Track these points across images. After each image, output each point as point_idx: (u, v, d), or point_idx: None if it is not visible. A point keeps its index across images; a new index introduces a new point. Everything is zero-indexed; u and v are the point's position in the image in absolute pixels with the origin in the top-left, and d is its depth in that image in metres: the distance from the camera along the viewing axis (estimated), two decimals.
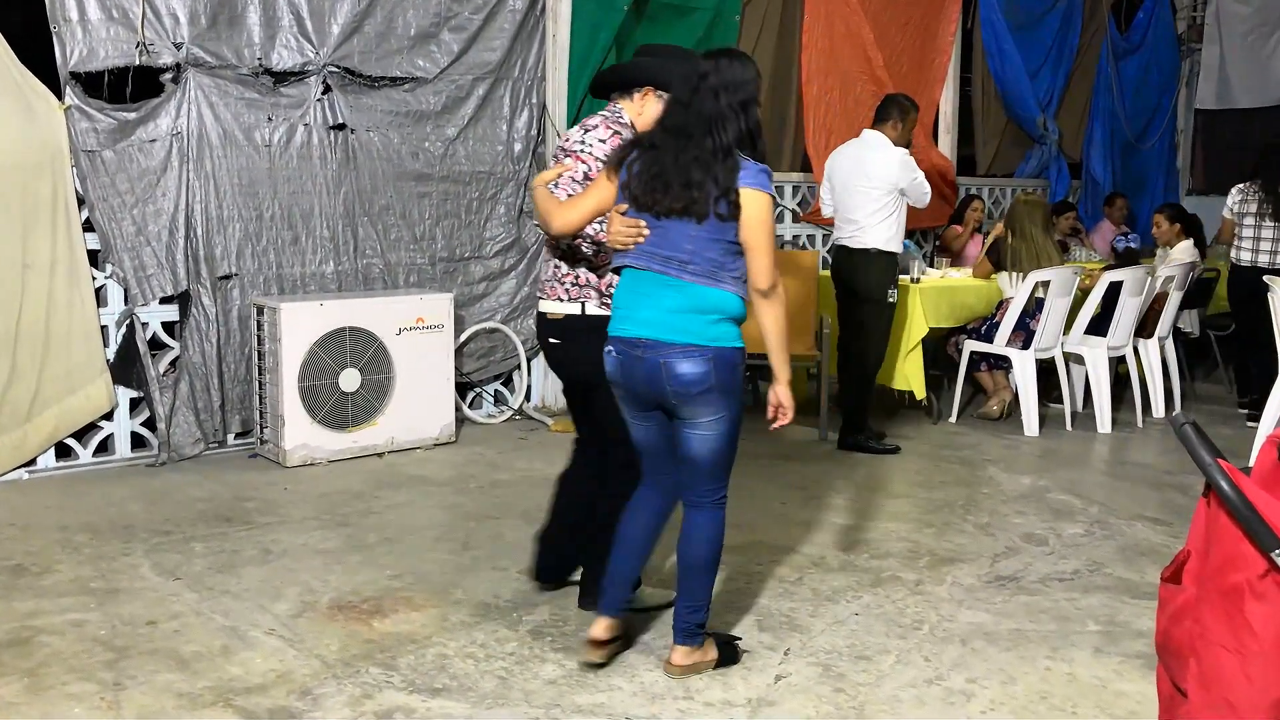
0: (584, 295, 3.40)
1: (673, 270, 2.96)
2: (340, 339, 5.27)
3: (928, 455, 5.72)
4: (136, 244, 5.06)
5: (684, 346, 2.94)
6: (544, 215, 3.22)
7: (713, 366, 2.94)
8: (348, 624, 3.49)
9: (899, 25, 7.88)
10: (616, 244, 3.04)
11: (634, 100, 3.45)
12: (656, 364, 2.95)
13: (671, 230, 2.95)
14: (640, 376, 3.00)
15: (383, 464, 5.34)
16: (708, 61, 3.01)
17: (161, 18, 5.00)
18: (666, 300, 2.96)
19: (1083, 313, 6.39)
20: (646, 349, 2.97)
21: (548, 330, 3.49)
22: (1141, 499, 5.01)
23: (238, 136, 5.27)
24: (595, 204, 3.13)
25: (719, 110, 2.94)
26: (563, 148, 3.45)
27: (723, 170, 2.92)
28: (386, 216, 5.79)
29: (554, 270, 3.46)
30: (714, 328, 2.96)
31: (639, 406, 3.09)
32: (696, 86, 2.97)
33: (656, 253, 2.98)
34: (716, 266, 2.95)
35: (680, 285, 2.95)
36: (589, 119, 3.47)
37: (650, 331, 2.97)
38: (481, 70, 5.96)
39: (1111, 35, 9.51)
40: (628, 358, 3.01)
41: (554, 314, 3.45)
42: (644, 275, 3.01)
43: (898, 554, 4.21)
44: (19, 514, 4.49)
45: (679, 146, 2.95)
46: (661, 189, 2.95)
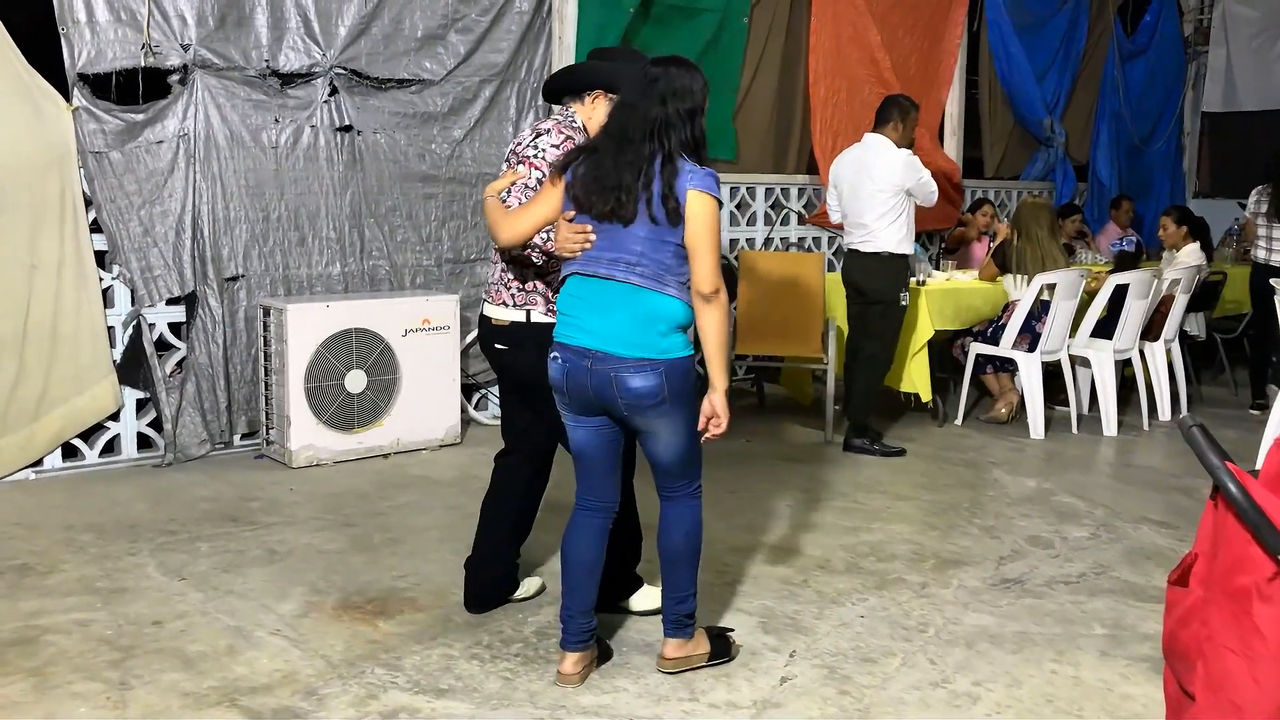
0: (529, 302, 3.35)
1: (619, 273, 2.92)
2: (346, 340, 5.27)
3: (933, 458, 5.72)
4: (144, 245, 5.07)
5: (636, 361, 2.90)
6: (491, 225, 3.18)
7: (664, 379, 2.92)
8: (353, 624, 3.50)
9: (906, 28, 7.88)
10: (565, 251, 3.00)
11: (585, 103, 3.39)
12: (607, 377, 2.92)
13: (619, 233, 2.92)
14: (588, 385, 2.96)
15: (388, 465, 5.35)
16: (656, 67, 2.97)
17: (169, 19, 5.01)
18: (615, 313, 2.93)
19: (1089, 315, 6.38)
20: (596, 360, 2.93)
21: (492, 335, 3.44)
22: (1147, 502, 5.00)
23: (244, 138, 5.28)
24: (543, 213, 3.08)
25: (664, 116, 2.91)
26: (514, 152, 3.36)
27: (660, 174, 2.88)
28: (393, 218, 5.80)
29: (500, 274, 3.39)
30: (664, 340, 2.93)
31: (581, 411, 3.04)
32: (644, 90, 2.94)
33: (603, 256, 2.94)
34: (664, 270, 2.91)
35: (627, 292, 2.91)
36: (541, 123, 3.40)
37: (600, 344, 2.93)
38: (488, 72, 5.97)
39: (1118, 38, 9.50)
40: (576, 367, 2.97)
41: (499, 320, 3.39)
42: (591, 282, 2.97)
43: (903, 556, 4.21)
44: (25, 514, 4.50)
45: (618, 149, 2.93)
46: (598, 191, 2.93)
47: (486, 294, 3.47)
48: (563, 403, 3.06)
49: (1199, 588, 1.78)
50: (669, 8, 6.59)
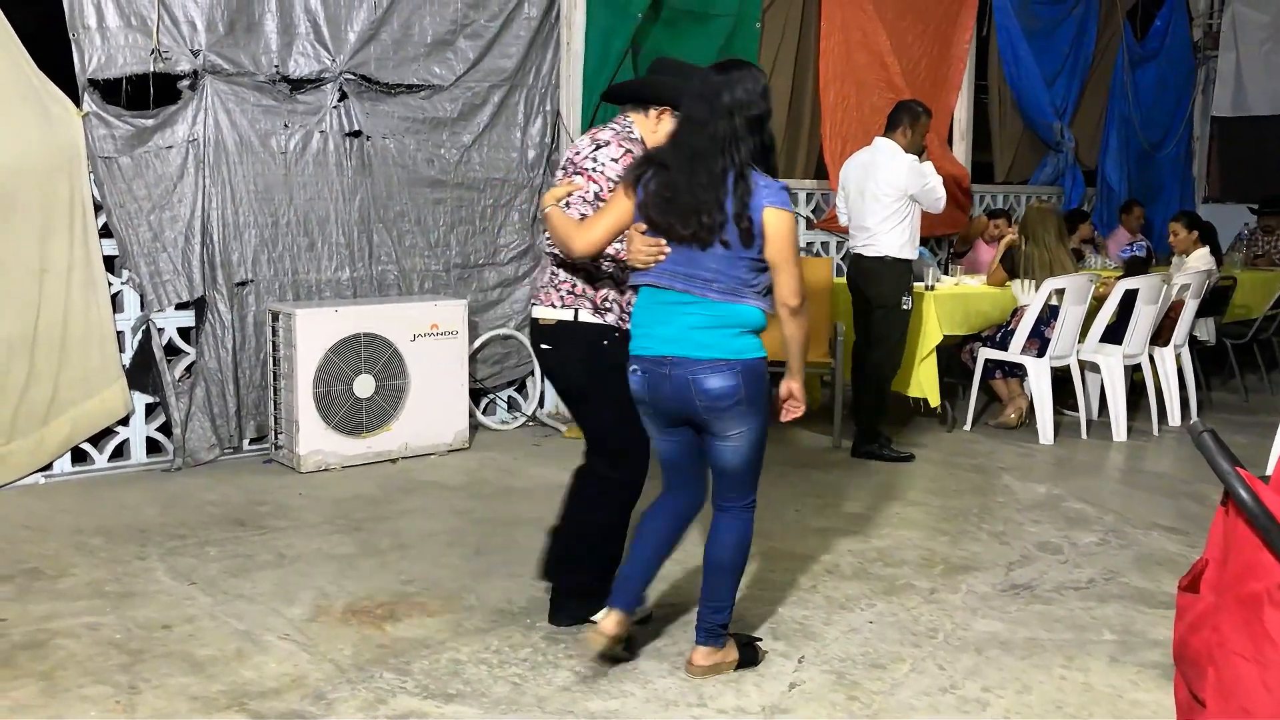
0: (578, 303, 3.37)
1: (696, 289, 2.96)
2: (355, 345, 5.28)
3: (942, 463, 5.71)
4: (153, 250, 5.09)
5: (711, 361, 2.95)
6: (563, 237, 3.19)
7: (741, 379, 2.96)
8: (361, 628, 3.50)
9: (916, 33, 7.88)
10: (637, 263, 3.04)
11: (649, 117, 3.41)
12: (685, 380, 2.97)
13: (694, 251, 2.96)
14: (668, 393, 3.01)
15: (396, 470, 5.35)
16: (720, 77, 2.97)
17: (179, 25, 5.03)
18: (689, 318, 2.97)
19: (1098, 320, 6.36)
20: (673, 366, 2.98)
21: (539, 336, 3.48)
22: (1157, 508, 4.98)
23: (254, 143, 5.30)
24: (615, 222, 3.11)
25: (732, 130, 2.92)
26: (572, 161, 3.38)
27: (735, 194, 2.91)
28: (401, 223, 5.82)
29: (550, 276, 3.42)
30: (738, 340, 2.98)
31: (665, 423, 3.10)
32: (710, 105, 2.94)
33: (679, 271, 2.98)
34: (740, 284, 2.96)
35: (702, 303, 2.96)
36: (599, 132, 3.42)
37: (675, 349, 2.98)
38: (498, 77, 5.98)
39: (1127, 42, 9.49)
40: (654, 376, 3.02)
41: (546, 320, 3.42)
42: (665, 294, 3.02)
43: (912, 562, 4.20)
44: (35, 518, 4.52)
45: (691, 168, 2.94)
46: (675, 213, 2.95)
47: (535, 296, 3.51)
48: (646, 414, 3.12)
49: (1210, 594, 1.77)
50: (682, 13, 6.60)
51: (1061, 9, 8.90)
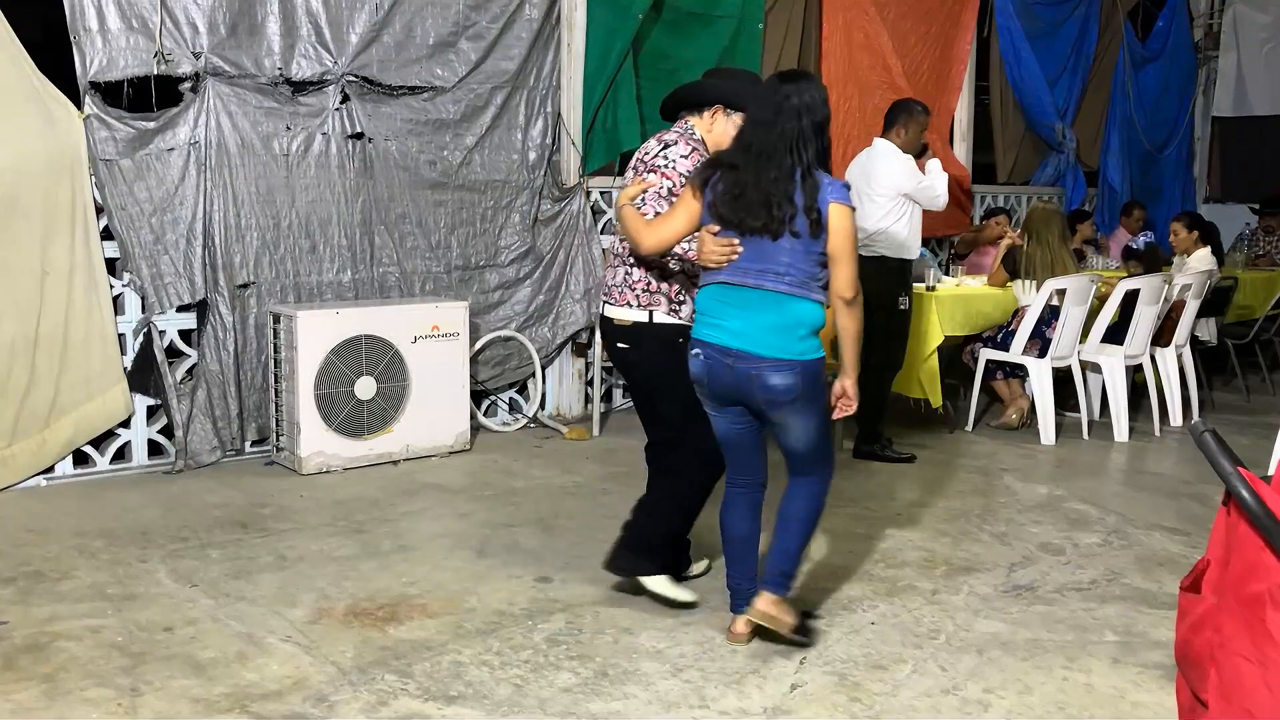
0: (653, 303, 3.53)
1: (769, 283, 3.14)
2: (356, 347, 5.28)
3: (944, 464, 5.70)
4: (154, 252, 5.09)
5: (775, 361, 3.13)
6: (633, 234, 3.35)
7: (800, 379, 3.15)
8: (363, 630, 3.50)
9: (919, 35, 7.88)
10: (710, 262, 3.20)
11: (704, 118, 3.60)
12: (747, 374, 3.16)
13: (766, 245, 3.14)
14: (727, 382, 3.20)
15: (398, 471, 5.35)
16: (789, 84, 3.17)
17: (181, 27, 5.03)
18: (761, 316, 3.15)
19: (1099, 321, 6.36)
20: (737, 359, 3.16)
21: (615, 335, 3.63)
22: (1159, 508, 4.98)
23: (256, 145, 5.30)
24: (684, 223, 3.28)
25: (799, 130, 3.12)
26: (642, 161, 3.55)
27: (804, 189, 3.10)
28: (403, 225, 5.82)
29: (624, 275, 3.57)
30: (802, 343, 3.15)
31: (720, 403, 3.30)
32: (780, 107, 3.13)
33: (751, 267, 3.16)
34: (809, 278, 3.15)
35: (775, 299, 3.14)
36: (665, 134, 3.59)
37: (742, 344, 3.16)
38: (499, 79, 5.98)
39: (1129, 43, 9.48)
40: (716, 364, 3.21)
41: (622, 320, 3.58)
42: (735, 289, 3.18)
43: (914, 563, 4.20)
44: (37, 520, 4.52)
45: (759, 166, 3.12)
46: (745, 208, 3.13)
47: (607, 296, 3.65)
48: (702, 394, 3.32)
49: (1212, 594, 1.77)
50: (686, 14, 6.60)
51: (1063, 10, 8.90)
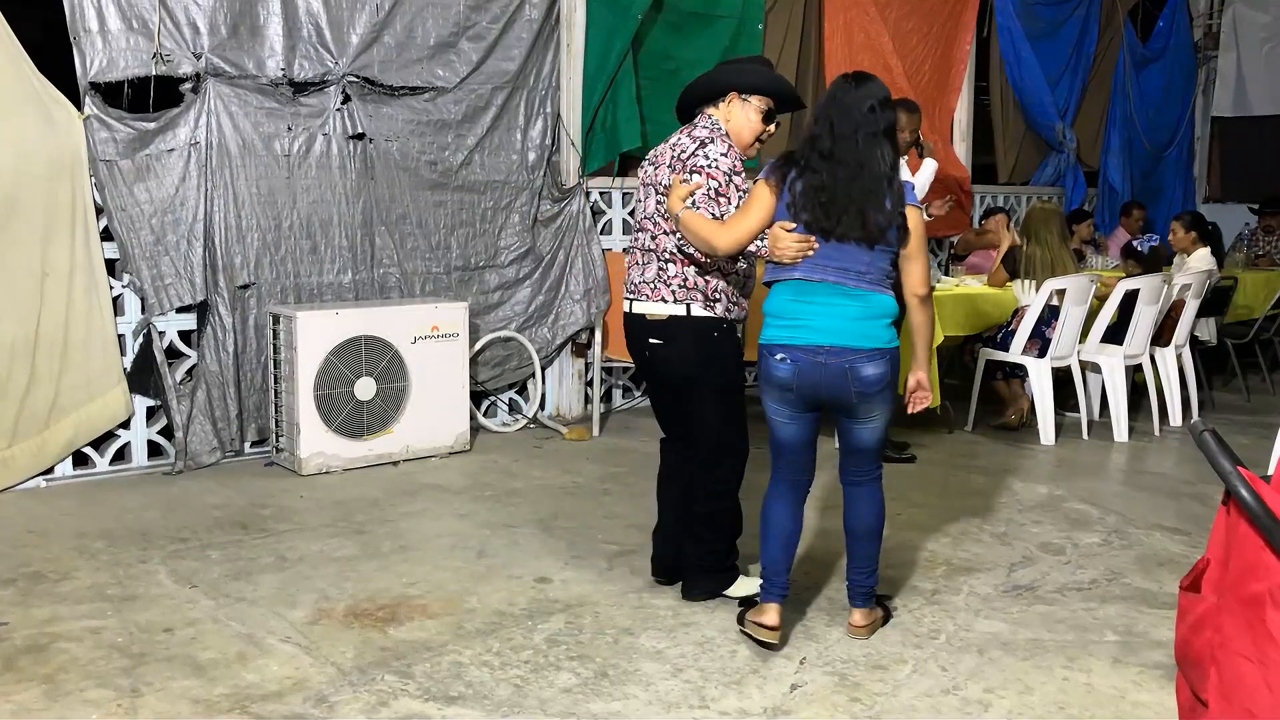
0: (690, 297, 3.52)
1: (850, 280, 3.20)
2: (355, 348, 5.28)
3: (944, 464, 5.70)
4: (155, 253, 5.09)
5: (869, 351, 3.20)
6: (706, 236, 3.32)
7: (890, 366, 3.25)
8: (363, 631, 3.50)
9: (920, 35, 7.88)
10: (785, 258, 3.21)
11: (720, 107, 3.60)
12: (842, 369, 3.20)
13: (847, 246, 3.19)
14: (821, 381, 3.23)
15: (398, 472, 5.35)
16: (862, 88, 3.20)
17: (181, 28, 5.03)
18: (848, 309, 3.21)
19: (1099, 321, 6.36)
20: (830, 355, 3.20)
21: (647, 331, 3.60)
22: (1159, 508, 4.98)
23: (257, 146, 5.30)
24: (760, 221, 3.29)
25: (877, 137, 3.17)
26: (680, 160, 3.51)
27: (891, 196, 3.18)
28: (404, 226, 5.82)
29: (657, 272, 3.56)
30: (887, 331, 3.24)
31: (801, 408, 3.31)
32: (859, 117, 3.17)
33: (831, 265, 3.20)
34: (885, 275, 3.25)
35: (859, 294, 3.21)
36: (694, 130, 3.57)
37: (833, 339, 3.20)
38: (500, 79, 5.98)
39: (1130, 43, 9.48)
40: (807, 364, 3.22)
41: (656, 315, 3.56)
42: (817, 286, 3.22)
43: (914, 563, 4.20)
44: (37, 521, 4.52)
45: (847, 175, 3.16)
46: (835, 216, 3.16)
47: (634, 293, 3.63)
48: (786, 400, 3.31)
49: (1212, 594, 1.77)
50: (687, 14, 6.61)
51: (1063, 10, 8.90)
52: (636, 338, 3.68)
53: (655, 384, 3.80)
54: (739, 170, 3.52)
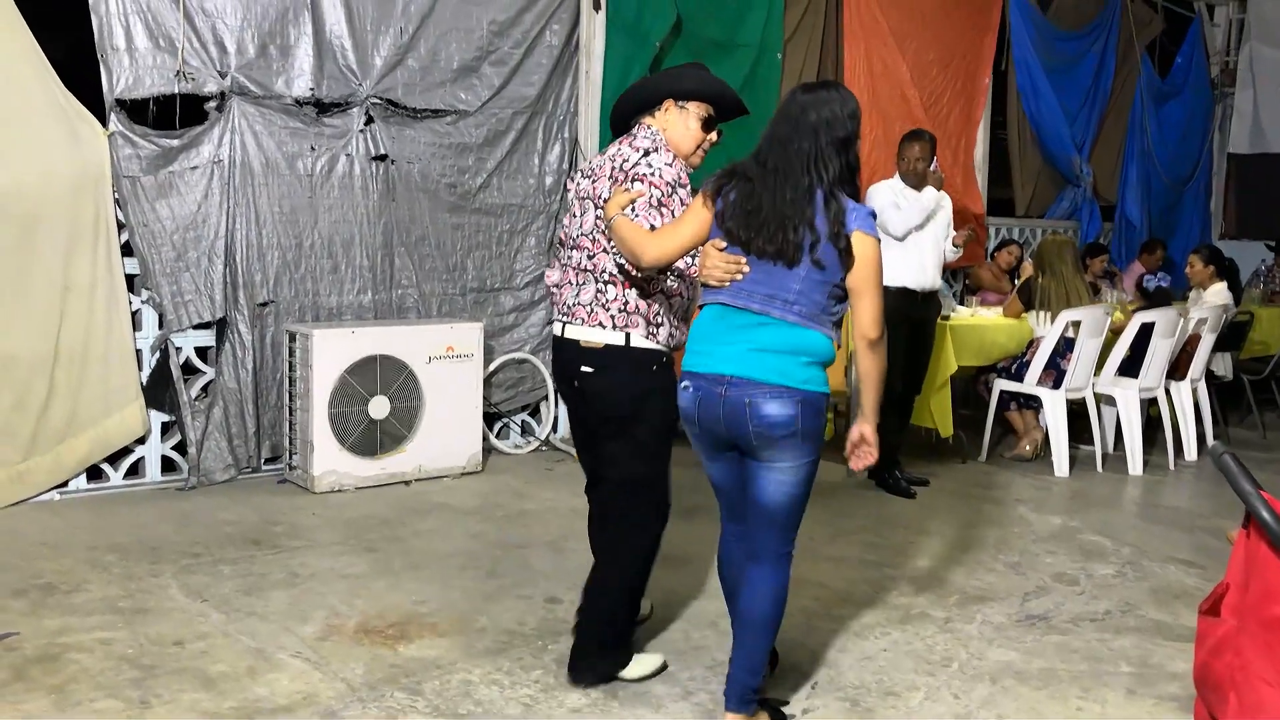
0: (630, 324, 3.17)
1: (775, 310, 2.80)
2: (370, 366, 5.30)
3: (957, 494, 5.68)
4: (175, 269, 5.12)
5: (772, 387, 2.77)
6: (633, 246, 2.98)
7: (799, 410, 2.78)
8: (373, 647, 3.49)
9: (940, 66, 7.90)
10: (711, 279, 2.88)
11: (657, 116, 3.30)
12: (740, 402, 2.79)
13: (777, 270, 2.81)
14: (720, 415, 2.83)
15: (410, 491, 5.35)
16: (807, 95, 2.89)
17: (208, 47, 5.09)
18: (759, 337, 2.81)
19: (1114, 353, 6.34)
20: (730, 386, 2.80)
21: (581, 358, 3.21)
22: (1174, 542, 4.95)
23: (280, 165, 5.34)
24: (692, 234, 2.94)
25: (817, 149, 2.81)
26: (621, 169, 3.20)
27: (826, 214, 2.78)
28: (422, 247, 5.85)
29: (595, 294, 3.20)
30: (804, 370, 2.80)
31: (714, 446, 2.93)
32: (797, 123, 2.84)
33: (757, 291, 2.82)
34: (819, 310, 2.81)
35: (779, 325, 2.80)
36: (634, 140, 3.27)
37: (736, 368, 2.81)
38: (520, 104, 6.04)
39: (1148, 78, 9.50)
40: (708, 395, 2.84)
41: (590, 342, 3.19)
42: (736, 312, 2.85)
43: (926, 591, 4.17)
44: (50, 533, 4.53)
45: (775, 184, 2.82)
46: (757, 227, 2.81)
47: (568, 315, 3.25)
48: (694, 434, 2.95)
49: (1231, 618, 1.76)
50: (706, 42, 6.66)
51: (1081, 44, 8.94)
52: (566, 365, 3.28)
53: (580, 418, 3.40)
54: (684, 183, 3.18)
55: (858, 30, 7.46)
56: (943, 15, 7.96)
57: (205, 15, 5.07)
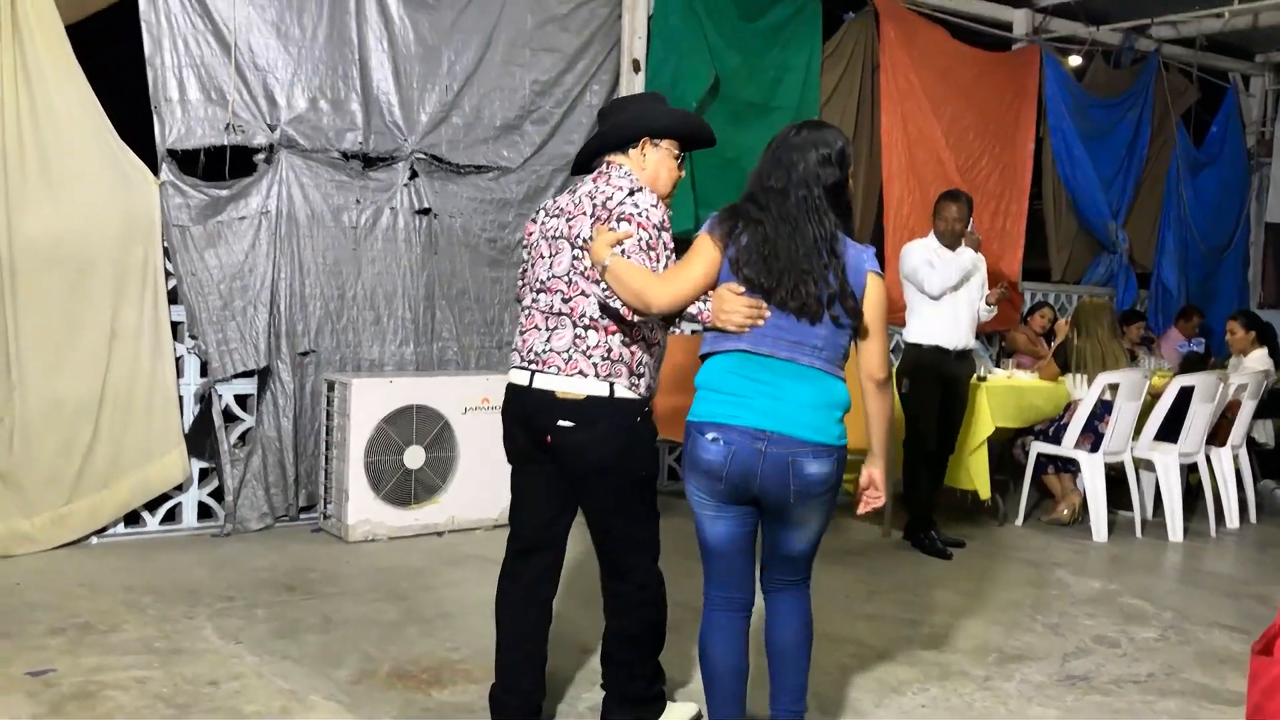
0: (614, 373, 2.94)
1: (804, 357, 2.76)
2: (407, 416, 5.34)
3: (993, 556, 5.61)
4: (222, 318, 5.21)
5: (813, 445, 2.73)
6: (639, 289, 2.81)
7: (837, 468, 2.77)
8: (406, 692, 3.48)
9: (976, 131, 7.94)
10: (731, 325, 2.78)
11: (631, 155, 3.08)
12: (784, 461, 2.72)
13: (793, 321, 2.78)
14: (757, 471, 2.74)
15: (442, 543, 5.35)
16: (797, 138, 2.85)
17: (258, 100, 5.23)
18: (799, 393, 2.75)
19: (1152, 417, 6.28)
20: (770, 443, 2.72)
21: (555, 411, 2.95)
22: (1218, 607, 4.85)
23: (325, 217, 5.45)
24: (704, 278, 2.82)
25: (813, 200, 2.78)
26: (605, 208, 2.96)
27: (832, 268, 2.75)
28: (462, 300, 5.92)
29: (573, 339, 2.96)
30: (837, 426, 2.78)
31: (730, 500, 2.81)
32: (789, 174, 2.81)
33: (783, 337, 2.76)
34: (842, 354, 2.82)
35: (812, 376, 2.76)
36: (610, 179, 3.04)
37: (776, 425, 2.73)
38: (560, 162, 6.14)
39: (1183, 147, 9.52)
40: (743, 449, 2.73)
41: (570, 393, 2.94)
42: (764, 360, 2.78)
43: (964, 649, 4.11)
44: (87, 575, 4.57)
45: (788, 233, 2.77)
46: (777, 276, 2.75)
47: (541, 364, 2.98)
48: (713, 490, 2.81)
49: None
50: (744, 104, 6.76)
51: (1116, 112, 8.98)
52: (533, 418, 3.00)
53: (543, 475, 3.13)
54: (668, 226, 2.98)
55: (894, 94, 7.54)
56: (978, 81, 8.03)
57: (257, 70, 5.22)
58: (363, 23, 5.50)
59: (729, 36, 6.73)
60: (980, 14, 8.18)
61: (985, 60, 8.17)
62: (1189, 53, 9.28)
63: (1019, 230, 8.31)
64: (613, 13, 6.33)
